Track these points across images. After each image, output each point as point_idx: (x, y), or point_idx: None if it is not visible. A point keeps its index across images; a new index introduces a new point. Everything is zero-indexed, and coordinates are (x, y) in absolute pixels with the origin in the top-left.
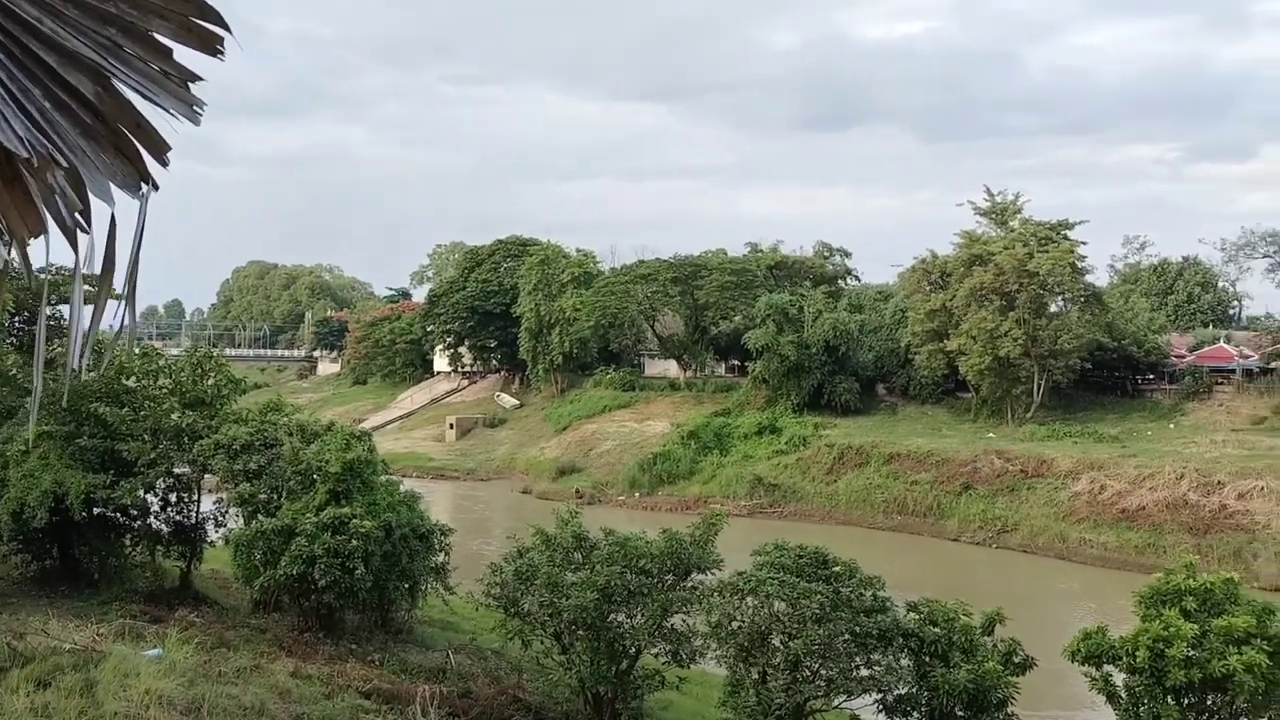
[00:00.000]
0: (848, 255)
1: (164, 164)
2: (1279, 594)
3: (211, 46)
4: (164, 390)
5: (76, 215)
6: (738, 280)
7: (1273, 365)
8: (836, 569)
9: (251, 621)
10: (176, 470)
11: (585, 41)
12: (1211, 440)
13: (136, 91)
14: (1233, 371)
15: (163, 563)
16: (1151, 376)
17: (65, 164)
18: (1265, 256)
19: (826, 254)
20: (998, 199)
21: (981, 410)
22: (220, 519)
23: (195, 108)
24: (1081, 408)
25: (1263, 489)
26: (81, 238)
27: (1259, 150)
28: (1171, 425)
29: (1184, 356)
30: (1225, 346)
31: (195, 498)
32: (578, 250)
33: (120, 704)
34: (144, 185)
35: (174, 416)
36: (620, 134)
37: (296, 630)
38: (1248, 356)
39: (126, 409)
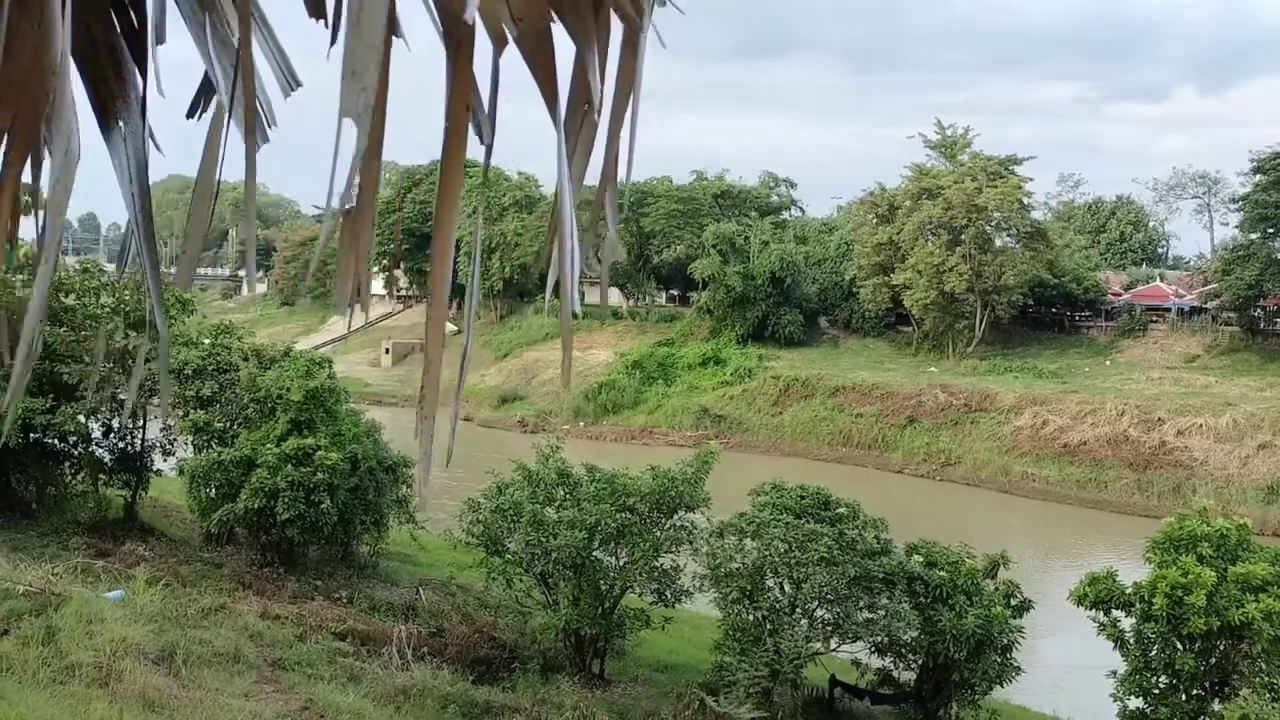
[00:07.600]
0: (793, 186)
1: None
2: None
3: None
4: (106, 309)
5: None
6: (684, 208)
7: (1207, 304)
8: (840, 510)
9: (205, 555)
10: (122, 395)
11: None
12: (1148, 377)
13: None
14: (1167, 310)
15: (106, 492)
16: (1088, 313)
17: None
18: (1194, 198)
19: (772, 184)
20: (948, 132)
21: (923, 344)
22: (168, 447)
23: None
24: (1019, 343)
25: (1201, 426)
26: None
27: (1172, 92)
28: (1108, 362)
29: (1119, 294)
30: (1161, 285)
31: (141, 424)
32: (519, 174)
33: (87, 653)
34: None
35: (118, 338)
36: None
37: (255, 565)
38: (1181, 296)
39: (65, 328)
